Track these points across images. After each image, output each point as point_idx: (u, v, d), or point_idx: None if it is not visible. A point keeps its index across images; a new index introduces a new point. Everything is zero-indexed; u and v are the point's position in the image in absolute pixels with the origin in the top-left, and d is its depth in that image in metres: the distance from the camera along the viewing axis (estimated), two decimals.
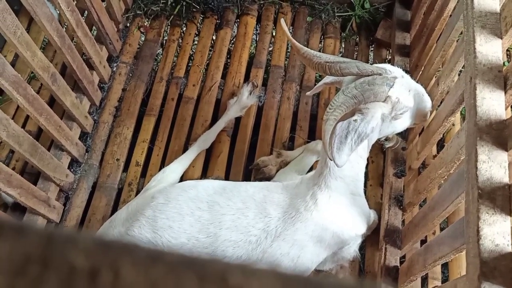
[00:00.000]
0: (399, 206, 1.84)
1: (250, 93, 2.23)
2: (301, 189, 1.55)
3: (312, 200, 1.50)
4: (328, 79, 1.57)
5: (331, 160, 1.30)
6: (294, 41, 1.39)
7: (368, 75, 1.29)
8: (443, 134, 1.69)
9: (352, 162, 1.47)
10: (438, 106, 1.66)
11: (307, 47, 2.40)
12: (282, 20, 1.48)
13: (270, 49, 2.49)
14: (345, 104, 1.24)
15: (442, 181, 1.49)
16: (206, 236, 1.49)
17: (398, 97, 1.36)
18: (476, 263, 0.91)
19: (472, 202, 0.96)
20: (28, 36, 1.60)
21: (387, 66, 1.39)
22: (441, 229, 1.97)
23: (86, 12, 2.32)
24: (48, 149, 2.00)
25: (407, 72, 1.87)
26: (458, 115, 1.86)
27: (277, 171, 2.03)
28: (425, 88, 1.76)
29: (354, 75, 1.30)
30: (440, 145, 2.14)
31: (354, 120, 1.28)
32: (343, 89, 1.26)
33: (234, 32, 2.56)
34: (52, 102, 2.15)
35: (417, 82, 1.48)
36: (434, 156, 1.99)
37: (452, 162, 1.35)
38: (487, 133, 1.02)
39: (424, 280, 1.85)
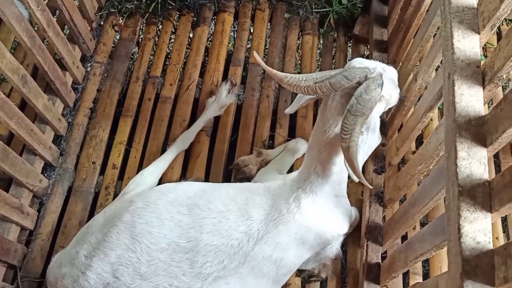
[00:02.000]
0: (380, 202, 1.84)
1: (229, 92, 2.19)
2: (284, 191, 1.53)
3: (295, 202, 1.47)
4: (304, 97, 1.54)
5: (362, 182, 1.29)
6: (276, 71, 1.34)
7: (358, 82, 1.27)
8: (422, 130, 1.69)
9: (341, 167, 1.45)
10: (417, 102, 1.65)
11: (286, 44, 2.40)
12: (255, 53, 1.43)
13: (248, 46, 2.46)
14: (358, 124, 1.23)
15: (421, 177, 1.49)
16: (186, 241, 1.45)
17: (390, 94, 1.41)
18: (457, 261, 0.90)
19: (453, 200, 0.95)
20: None
21: (365, 62, 1.37)
22: (422, 225, 1.98)
23: (57, 11, 2.25)
24: (20, 154, 1.93)
25: None
26: (436, 110, 1.86)
27: (258, 170, 2.00)
28: (403, 84, 1.77)
29: (345, 87, 1.27)
30: (419, 140, 2.15)
31: (361, 133, 1.27)
32: (348, 108, 1.23)
33: (211, 29, 2.52)
34: (24, 105, 2.08)
35: None
36: (414, 152, 2.00)
37: (431, 158, 1.35)
38: (466, 129, 1.02)
39: (406, 274, 1.85)
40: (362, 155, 1.37)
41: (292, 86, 1.32)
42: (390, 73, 1.42)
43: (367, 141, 1.37)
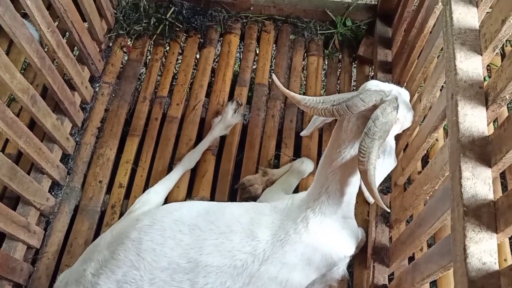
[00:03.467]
0: (386, 223, 1.83)
1: (235, 112, 2.22)
2: (292, 211, 1.52)
3: (303, 223, 1.47)
4: (319, 119, 1.56)
5: (379, 205, 1.29)
6: (293, 94, 1.36)
7: (374, 105, 1.28)
8: (427, 149, 1.69)
9: (355, 188, 1.46)
10: (421, 122, 1.66)
11: (291, 65, 2.43)
12: (274, 76, 1.47)
13: (254, 67, 2.50)
14: (376, 147, 1.23)
15: (427, 197, 1.48)
16: (186, 261, 1.45)
17: (404, 116, 1.43)
18: (464, 282, 0.90)
19: (458, 220, 0.95)
20: (6, 58, 1.57)
21: (381, 85, 1.39)
22: (429, 246, 1.96)
23: (67, 32, 2.30)
24: (28, 172, 1.95)
25: None
26: (441, 130, 1.87)
27: (263, 190, 2.01)
28: None
29: (361, 110, 1.28)
30: (425, 160, 2.15)
31: (378, 157, 1.28)
32: (365, 131, 1.24)
33: (217, 50, 2.57)
34: (33, 124, 2.11)
35: None
36: (419, 172, 1.99)
37: (437, 178, 1.35)
38: (470, 149, 1.02)
39: None
40: (379, 177, 1.37)
41: (309, 108, 1.33)
42: (404, 96, 1.44)
43: (384, 164, 1.38)
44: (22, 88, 1.69)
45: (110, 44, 2.50)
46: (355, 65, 2.50)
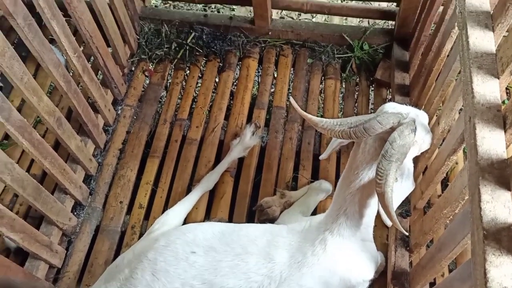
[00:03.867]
0: (406, 247, 1.81)
1: (253, 134, 2.25)
2: (310, 232, 1.52)
3: (321, 245, 1.47)
4: (336, 142, 1.58)
5: (397, 228, 1.29)
6: (311, 116, 1.39)
7: (392, 127, 1.29)
8: (447, 172, 1.68)
9: (373, 210, 1.46)
10: (440, 145, 1.66)
11: (308, 88, 2.46)
12: (291, 99, 1.50)
13: (272, 90, 2.54)
14: (393, 169, 1.24)
15: (448, 221, 1.47)
16: (201, 282, 1.45)
17: (422, 139, 1.43)
18: None
19: (478, 244, 0.94)
20: (34, 82, 1.64)
21: (398, 107, 1.39)
22: (450, 271, 1.93)
23: (92, 57, 2.39)
24: (52, 192, 2.00)
25: None
26: (461, 153, 1.86)
27: (281, 212, 2.01)
28: None
29: (378, 132, 1.29)
30: (444, 184, 2.13)
31: (395, 180, 1.28)
32: (383, 153, 1.24)
33: (236, 74, 2.62)
34: (57, 145, 2.18)
35: None
36: (439, 196, 1.97)
37: (457, 202, 1.34)
38: (489, 172, 1.02)
39: None
40: (396, 200, 1.36)
41: (327, 130, 1.35)
42: (422, 118, 1.44)
43: (401, 186, 1.37)
44: (48, 110, 1.76)
45: (133, 68, 2.58)
46: (372, 88, 2.51)
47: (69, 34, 1.84)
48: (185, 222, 2.00)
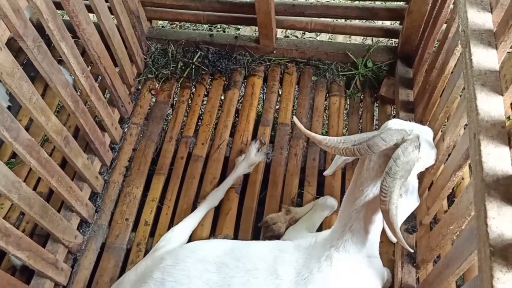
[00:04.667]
0: (413, 263, 1.80)
1: (258, 150, 2.26)
2: (316, 249, 1.51)
3: (327, 262, 1.46)
4: (341, 159, 1.58)
5: (402, 245, 1.29)
6: (314, 134, 1.40)
7: (395, 144, 1.29)
8: (453, 188, 1.68)
9: (378, 226, 1.45)
10: (446, 160, 1.66)
11: (313, 105, 2.48)
12: (295, 118, 1.52)
13: (277, 107, 2.56)
14: (397, 186, 1.24)
15: (454, 237, 1.46)
16: None
17: (427, 154, 1.43)
18: None
19: (485, 260, 0.94)
20: (43, 102, 1.67)
21: (402, 123, 1.40)
22: (458, 286, 1.90)
23: (99, 77, 2.42)
24: (58, 210, 2.02)
25: None
26: (466, 168, 1.85)
27: (287, 228, 2.01)
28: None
29: (382, 149, 1.30)
30: (451, 199, 2.12)
31: (399, 196, 1.28)
32: (387, 170, 1.25)
33: (241, 92, 2.64)
34: (64, 163, 2.20)
35: None
36: (445, 211, 1.96)
37: (463, 218, 1.33)
38: (495, 188, 1.02)
39: None
40: (401, 217, 1.36)
41: (330, 148, 1.36)
42: (426, 134, 1.44)
43: (406, 203, 1.37)
44: (56, 130, 1.78)
45: (139, 87, 2.61)
46: (377, 105, 2.53)
47: (77, 55, 1.87)
48: (191, 239, 2.00)
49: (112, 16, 2.20)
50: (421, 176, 1.90)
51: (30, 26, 1.56)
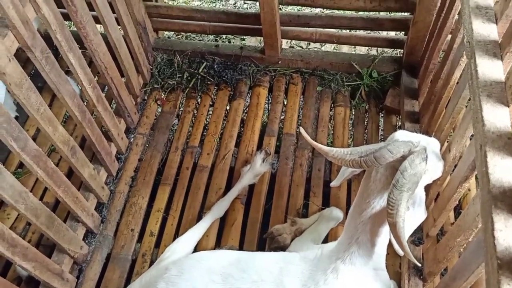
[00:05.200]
0: (420, 276, 1.78)
1: (263, 161, 2.26)
2: (322, 261, 1.51)
3: (333, 274, 1.45)
4: (348, 171, 1.58)
5: (409, 258, 1.28)
6: (321, 146, 1.40)
7: (402, 156, 1.28)
8: (459, 199, 1.67)
9: (385, 239, 1.45)
10: (452, 171, 1.65)
11: (318, 115, 2.48)
12: (301, 129, 1.52)
13: (282, 117, 2.56)
14: (404, 199, 1.23)
15: (461, 249, 1.45)
16: None
17: (434, 166, 1.41)
18: None
19: (492, 273, 0.93)
20: (50, 112, 1.69)
21: (409, 135, 1.39)
22: None
23: (106, 87, 2.44)
24: (64, 220, 2.02)
25: None
26: (473, 180, 1.84)
27: (292, 239, 2.00)
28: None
29: (389, 161, 1.29)
30: (457, 211, 2.10)
31: (407, 209, 1.27)
32: (394, 182, 1.24)
33: (247, 102, 2.65)
34: (70, 173, 2.21)
35: None
36: (452, 223, 1.95)
37: (470, 230, 1.32)
38: (502, 200, 1.01)
39: None
40: (408, 230, 1.35)
41: (337, 159, 1.35)
42: (433, 146, 1.43)
43: (413, 216, 1.36)
44: (63, 140, 1.79)
45: (145, 98, 2.63)
46: (382, 115, 2.52)
47: (84, 65, 1.89)
48: (196, 250, 2.00)
49: (119, 27, 2.22)
50: (427, 187, 1.89)
51: (39, 37, 1.58)
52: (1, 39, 1.40)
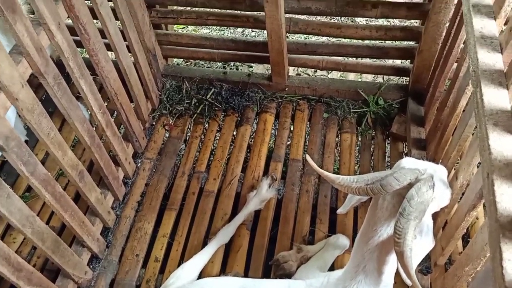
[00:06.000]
0: None
1: (270, 186, 2.26)
2: None
3: None
4: (355, 198, 1.57)
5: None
6: (327, 173, 1.40)
7: (409, 184, 1.28)
8: (467, 228, 1.65)
9: (393, 268, 1.43)
10: (459, 199, 1.64)
11: (324, 141, 2.49)
12: (308, 157, 1.52)
13: (288, 143, 2.57)
14: (411, 227, 1.22)
15: (470, 279, 1.42)
16: None
17: (441, 194, 1.39)
18: None
19: None
20: (60, 137, 1.71)
21: (416, 162, 1.38)
22: None
23: (115, 112, 2.48)
24: (70, 245, 2.01)
25: None
26: (481, 207, 1.82)
27: (298, 266, 1.98)
28: None
29: (396, 189, 1.28)
30: (466, 239, 2.07)
31: (414, 237, 1.26)
32: (400, 211, 1.23)
33: (253, 128, 2.67)
34: (77, 197, 2.22)
35: None
36: (460, 252, 1.92)
37: (478, 259, 1.31)
38: (510, 229, 1.00)
39: None
40: (416, 259, 1.33)
41: (343, 187, 1.35)
42: (440, 173, 1.42)
43: (421, 245, 1.34)
44: (72, 164, 1.81)
45: (154, 123, 2.66)
46: (388, 142, 2.53)
47: (95, 91, 1.93)
48: (200, 276, 1.98)
49: (130, 54, 2.27)
50: (435, 216, 1.88)
51: (51, 63, 1.62)
52: (15, 65, 1.43)
